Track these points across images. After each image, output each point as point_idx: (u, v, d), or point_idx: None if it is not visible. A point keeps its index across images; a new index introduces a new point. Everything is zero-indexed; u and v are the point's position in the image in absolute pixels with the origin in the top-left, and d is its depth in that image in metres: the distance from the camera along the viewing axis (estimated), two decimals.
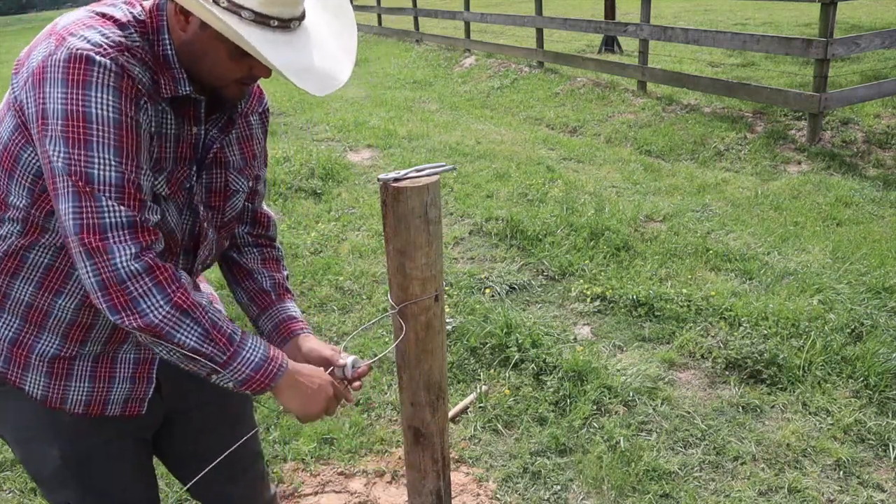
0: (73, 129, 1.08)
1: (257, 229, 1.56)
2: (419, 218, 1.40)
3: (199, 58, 1.20)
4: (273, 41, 1.14)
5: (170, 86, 1.21)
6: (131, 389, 1.37)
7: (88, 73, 1.08)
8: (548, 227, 4.46)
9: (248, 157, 1.42)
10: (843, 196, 5.05)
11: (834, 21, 5.84)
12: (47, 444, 1.35)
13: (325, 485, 2.52)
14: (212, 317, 1.19)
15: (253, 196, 1.52)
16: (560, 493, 2.42)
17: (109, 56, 1.10)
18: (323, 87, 1.19)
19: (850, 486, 2.40)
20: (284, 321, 1.48)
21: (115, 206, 1.10)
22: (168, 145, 1.24)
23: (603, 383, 2.92)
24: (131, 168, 1.12)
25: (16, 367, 1.30)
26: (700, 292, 3.60)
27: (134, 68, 1.14)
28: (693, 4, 18.01)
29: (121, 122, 1.10)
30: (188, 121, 1.27)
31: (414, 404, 1.55)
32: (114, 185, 1.10)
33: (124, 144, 1.11)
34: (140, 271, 1.12)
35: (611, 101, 8.14)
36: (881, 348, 3.02)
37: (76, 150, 1.08)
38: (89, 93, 1.08)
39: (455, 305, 3.62)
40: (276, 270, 1.55)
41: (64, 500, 1.42)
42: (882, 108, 6.55)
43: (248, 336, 1.25)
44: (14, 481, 2.55)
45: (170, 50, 1.20)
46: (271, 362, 1.24)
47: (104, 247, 1.10)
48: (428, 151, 6.53)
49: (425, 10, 14.51)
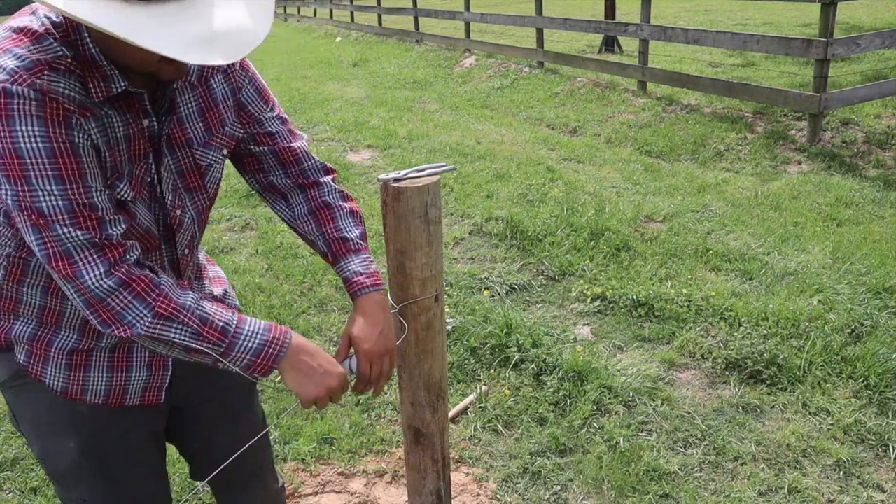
0: (9, 166, 1.07)
1: (289, 169, 1.45)
2: (419, 218, 1.40)
3: (116, 47, 1.09)
4: (161, 16, 1.00)
5: (100, 88, 1.13)
6: (148, 378, 1.40)
7: (9, 107, 1.04)
8: (548, 227, 4.46)
9: (215, 126, 1.34)
10: (843, 196, 5.05)
11: (834, 21, 5.84)
12: (65, 436, 1.37)
13: (325, 485, 2.52)
14: (199, 314, 1.19)
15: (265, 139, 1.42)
16: (560, 493, 2.42)
17: (26, 83, 1.05)
18: (236, 50, 1.05)
19: (850, 487, 2.40)
20: (346, 282, 1.41)
21: (72, 232, 1.10)
22: (119, 148, 1.19)
23: (603, 383, 2.92)
24: (78, 191, 1.10)
25: (36, 360, 1.33)
26: (700, 292, 3.60)
27: (57, 85, 1.08)
28: (693, 4, 18.01)
29: (53, 150, 1.07)
30: (137, 115, 1.21)
31: (414, 404, 1.56)
32: (65, 213, 1.10)
33: (63, 171, 1.09)
34: (114, 287, 1.13)
35: (611, 101, 8.14)
36: (881, 348, 3.02)
37: (19, 186, 1.08)
38: (14, 127, 1.05)
39: (455, 305, 3.62)
40: (328, 221, 1.43)
41: (79, 497, 1.43)
42: (882, 109, 6.55)
43: (244, 323, 1.23)
44: (14, 481, 2.55)
45: (93, 48, 1.12)
46: (271, 345, 1.23)
47: (74, 272, 1.11)
48: (428, 152, 6.53)
49: (425, 11, 14.51)
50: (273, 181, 1.46)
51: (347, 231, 1.43)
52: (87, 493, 1.42)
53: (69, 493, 1.44)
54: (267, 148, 1.43)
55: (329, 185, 1.47)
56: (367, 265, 1.41)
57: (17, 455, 2.67)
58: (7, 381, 1.37)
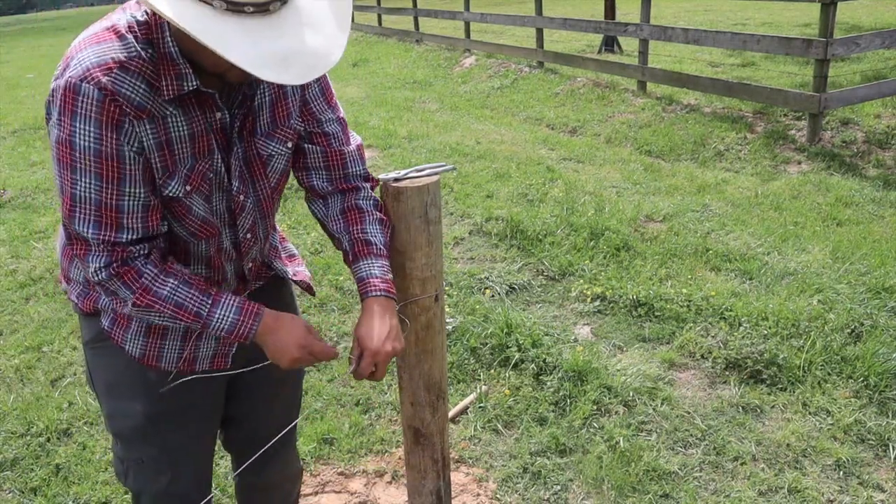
0: (63, 154, 1.21)
1: (333, 172, 1.50)
2: (419, 218, 1.40)
3: (194, 48, 1.17)
4: (248, 29, 1.09)
5: (172, 86, 1.22)
6: (216, 347, 1.52)
7: (75, 103, 1.17)
8: (548, 227, 4.46)
9: (281, 118, 1.41)
10: (843, 196, 5.05)
11: (834, 21, 5.84)
12: (134, 400, 1.49)
13: (325, 485, 2.52)
14: (176, 300, 1.31)
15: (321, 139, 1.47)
16: (560, 493, 2.42)
17: (94, 82, 1.17)
18: (308, 72, 1.13)
19: (850, 486, 2.40)
20: (360, 281, 1.45)
21: (88, 229, 1.25)
22: (182, 145, 1.28)
23: (603, 383, 2.92)
24: (110, 191, 1.23)
25: (119, 327, 1.46)
26: (700, 292, 3.60)
27: (121, 86, 1.18)
28: (693, 4, 18.01)
29: (100, 151, 1.20)
30: (210, 110, 1.30)
31: (414, 404, 1.56)
32: (93, 206, 1.23)
33: (103, 171, 1.21)
34: (106, 278, 1.29)
35: (611, 101, 8.14)
36: (881, 348, 3.02)
37: (66, 172, 1.22)
38: (74, 123, 1.18)
39: (455, 305, 3.62)
40: (356, 222, 1.47)
41: (138, 457, 1.54)
42: (882, 108, 6.55)
43: (217, 307, 1.33)
44: (14, 481, 2.55)
45: (172, 47, 1.21)
46: (241, 324, 1.34)
47: (83, 255, 1.28)
48: (428, 151, 6.53)
49: (425, 10, 14.51)
50: (314, 184, 1.51)
51: (373, 235, 1.46)
52: (144, 454, 1.54)
53: (128, 453, 1.55)
54: (319, 148, 1.48)
55: (366, 191, 1.52)
56: (385, 272, 1.43)
57: (16, 455, 2.68)
58: (90, 341, 1.53)
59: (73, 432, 2.80)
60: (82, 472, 2.57)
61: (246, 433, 1.72)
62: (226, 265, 1.49)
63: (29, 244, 4.81)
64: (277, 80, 1.09)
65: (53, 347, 3.45)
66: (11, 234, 5.01)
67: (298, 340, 1.37)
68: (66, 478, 2.56)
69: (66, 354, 3.38)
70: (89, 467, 2.59)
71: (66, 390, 3.08)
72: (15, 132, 8.47)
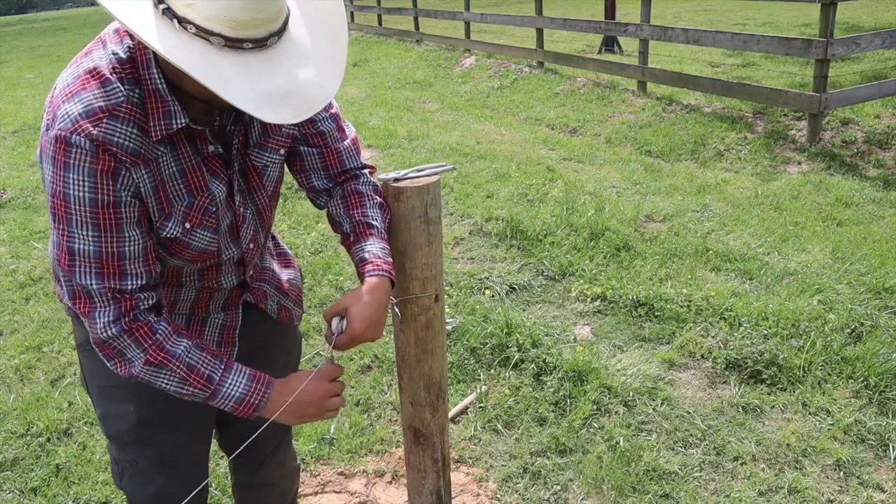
0: (58, 207, 1.18)
1: (331, 170, 1.50)
2: (419, 218, 1.40)
3: (182, 77, 1.15)
4: (246, 66, 1.07)
5: (160, 125, 1.20)
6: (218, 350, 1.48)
7: (67, 155, 1.15)
8: (548, 227, 4.46)
9: (273, 127, 1.39)
10: (843, 196, 5.05)
11: (834, 21, 5.84)
12: (128, 402, 1.48)
13: (325, 485, 2.52)
14: (188, 362, 1.28)
15: (317, 139, 1.47)
16: (560, 493, 2.42)
17: (85, 134, 1.14)
18: (305, 108, 1.13)
19: (850, 486, 2.40)
20: (358, 264, 1.44)
21: (91, 281, 1.21)
22: (174, 183, 1.26)
23: (603, 383, 2.92)
24: (109, 240, 1.20)
25: None
26: (700, 292, 3.60)
27: (112, 135, 1.16)
28: (693, 4, 18.01)
29: (96, 201, 1.17)
30: (203, 144, 1.28)
31: (414, 404, 1.56)
32: (93, 258, 1.20)
33: (101, 221, 1.19)
34: (117, 334, 1.24)
35: (611, 101, 8.14)
36: (881, 348, 3.02)
37: (61, 225, 1.19)
38: (68, 175, 1.16)
39: (455, 305, 3.62)
40: (357, 206, 1.46)
41: (132, 458, 1.54)
42: (882, 108, 6.55)
43: (230, 372, 1.31)
44: (14, 481, 2.55)
45: (160, 84, 1.18)
46: (253, 395, 1.32)
47: (89, 312, 1.23)
48: (428, 151, 6.53)
49: (425, 11, 14.50)
50: (315, 184, 1.51)
51: (373, 219, 1.44)
52: (138, 456, 1.53)
53: (122, 455, 1.55)
54: (315, 150, 1.47)
55: (365, 177, 1.52)
56: (387, 253, 1.42)
57: (16, 455, 2.68)
58: (84, 343, 1.49)
59: (73, 432, 2.80)
60: (82, 472, 2.57)
61: (240, 433, 1.68)
62: (221, 276, 1.47)
63: (29, 244, 4.81)
64: (275, 119, 1.08)
65: (53, 347, 3.45)
66: (11, 234, 5.01)
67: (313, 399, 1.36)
68: (66, 478, 2.56)
69: (66, 354, 3.38)
70: (89, 467, 2.59)
71: (66, 390, 3.08)
72: (15, 132, 8.47)
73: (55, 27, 31.65)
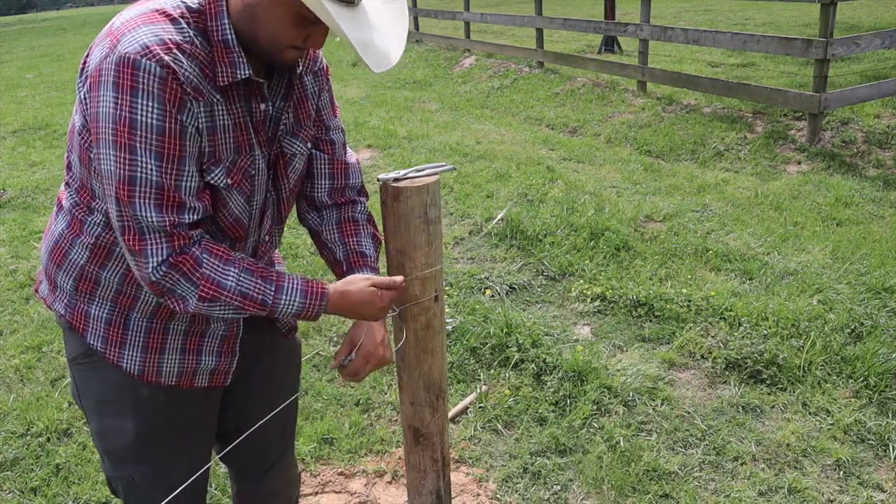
0: (120, 133, 1.14)
1: (336, 182, 1.53)
2: (419, 218, 1.40)
3: (260, 22, 1.20)
4: (341, 14, 1.16)
5: (226, 73, 1.23)
6: (217, 363, 1.49)
7: (135, 78, 1.13)
8: (548, 227, 4.46)
9: (303, 118, 1.43)
10: (843, 196, 5.05)
11: (834, 21, 5.84)
12: (124, 417, 1.44)
13: (325, 485, 2.52)
14: (240, 291, 1.27)
15: (327, 146, 1.51)
16: (560, 493, 2.42)
17: (155, 59, 1.13)
18: (380, 64, 1.22)
19: (850, 486, 2.40)
20: None
21: (150, 214, 1.19)
22: (225, 136, 1.27)
23: (603, 383, 2.92)
24: (171, 170, 1.19)
25: (112, 346, 1.40)
26: (700, 292, 3.60)
27: (181, 67, 1.16)
28: (693, 4, 18.01)
29: (163, 129, 1.16)
30: (254, 100, 1.30)
31: (414, 404, 1.55)
32: (154, 188, 1.18)
33: (165, 150, 1.17)
34: (167, 270, 1.22)
35: (611, 101, 8.14)
36: (881, 348, 3.02)
37: (122, 153, 1.15)
38: (136, 99, 1.13)
39: (455, 305, 3.62)
40: (352, 235, 1.52)
41: (128, 475, 1.50)
42: (882, 108, 6.55)
43: (281, 293, 1.31)
44: (14, 481, 2.55)
45: (229, 34, 1.22)
46: (308, 309, 1.33)
47: (140, 249, 1.21)
48: (428, 151, 6.53)
49: (425, 10, 14.50)
50: (315, 194, 1.53)
51: (366, 248, 1.51)
52: (135, 472, 1.49)
53: (118, 472, 1.51)
54: (325, 155, 1.51)
55: (363, 206, 1.57)
56: None
57: (16, 455, 2.67)
58: (77, 357, 1.46)
59: (73, 432, 2.80)
60: (82, 472, 2.57)
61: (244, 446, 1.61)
62: None
63: (29, 244, 4.81)
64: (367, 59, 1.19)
65: (53, 347, 3.45)
66: (11, 234, 5.01)
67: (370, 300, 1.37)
68: (66, 478, 2.56)
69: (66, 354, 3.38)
70: (89, 467, 2.59)
71: (66, 390, 3.08)
72: (15, 132, 8.46)
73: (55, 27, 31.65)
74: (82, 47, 19.67)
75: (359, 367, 1.42)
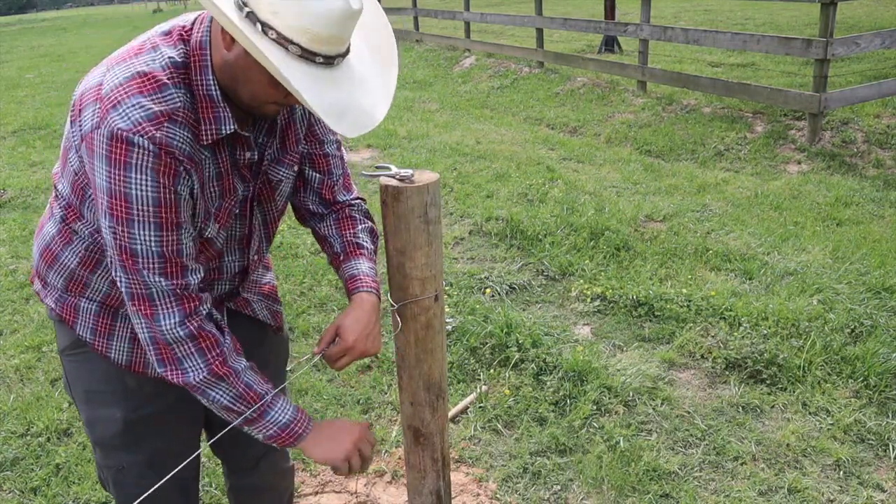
0: (116, 207, 1.17)
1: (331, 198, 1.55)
2: (419, 218, 1.39)
3: (240, 81, 1.20)
4: (315, 77, 1.14)
5: (211, 130, 1.23)
6: None
7: (129, 155, 1.14)
8: (548, 227, 4.46)
9: (290, 144, 1.43)
10: (843, 196, 5.05)
11: (834, 21, 5.84)
12: (113, 407, 1.47)
13: (325, 485, 2.52)
14: (245, 380, 1.32)
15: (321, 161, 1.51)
16: (560, 493, 2.42)
17: (147, 135, 1.14)
18: (356, 128, 1.20)
19: (850, 486, 2.40)
20: (347, 280, 1.50)
21: (158, 280, 1.22)
22: (212, 187, 1.30)
23: (603, 383, 2.92)
24: (171, 239, 1.21)
25: (101, 337, 1.43)
26: (700, 292, 3.60)
27: (173, 138, 1.17)
28: (693, 4, 18.01)
29: (159, 200, 1.18)
30: (240, 148, 1.32)
31: (414, 404, 1.55)
32: (156, 258, 1.21)
33: (163, 220, 1.19)
34: (184, 337, 1.25)
35: (611, 101, 8.14)
36: (881, 348, 3.02)
37: (121, 227, 1.18)
38: (129, 175, 1.15)
39: (455, 305, 3.62)
40: (349, 228, 1.54)
41: (117, 464, 1.53)
42: (882, 108, 6.55)
43: (278, 398, 1.35)
44: (14, 481, 2.55)
45: (213, 90, 1.22)
46: (297, 424, 1.36)
47: (152, 314, 1.24)
48: (428, 151, 6.53)
49: (425, 10, 14.51)
50: (310, 206, 1.55)
51: (363, 240, 1.53)
52: (124, 461, 1.52)
53: (108, 460, 1.54)
54: (319, 175, 1.53)
55: (359, 205, 1.59)
56: (374, 274, 1.50)
57: (16, 455, 2.68)
58: (67, 348, 1.49)
59: (73, 432, 2.80)
60: (82, 472, 2.57)
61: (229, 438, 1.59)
62: (216, 285, 1.49)
63: (29, 244, 4.81)
64: (339, 130, 1.16)
65: (53, 347, 3.45)
66: (11, 234, 5.01)
67: (349, 438, 1.42)
68: (66, 478, 2.56)
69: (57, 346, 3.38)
70: (89, 467, 2.59)
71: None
72: (15, 132, 8.47)
73: (55, 27, 31.65)
74: (82, 47, 19.67)
75: (335, 354, 1.42)
